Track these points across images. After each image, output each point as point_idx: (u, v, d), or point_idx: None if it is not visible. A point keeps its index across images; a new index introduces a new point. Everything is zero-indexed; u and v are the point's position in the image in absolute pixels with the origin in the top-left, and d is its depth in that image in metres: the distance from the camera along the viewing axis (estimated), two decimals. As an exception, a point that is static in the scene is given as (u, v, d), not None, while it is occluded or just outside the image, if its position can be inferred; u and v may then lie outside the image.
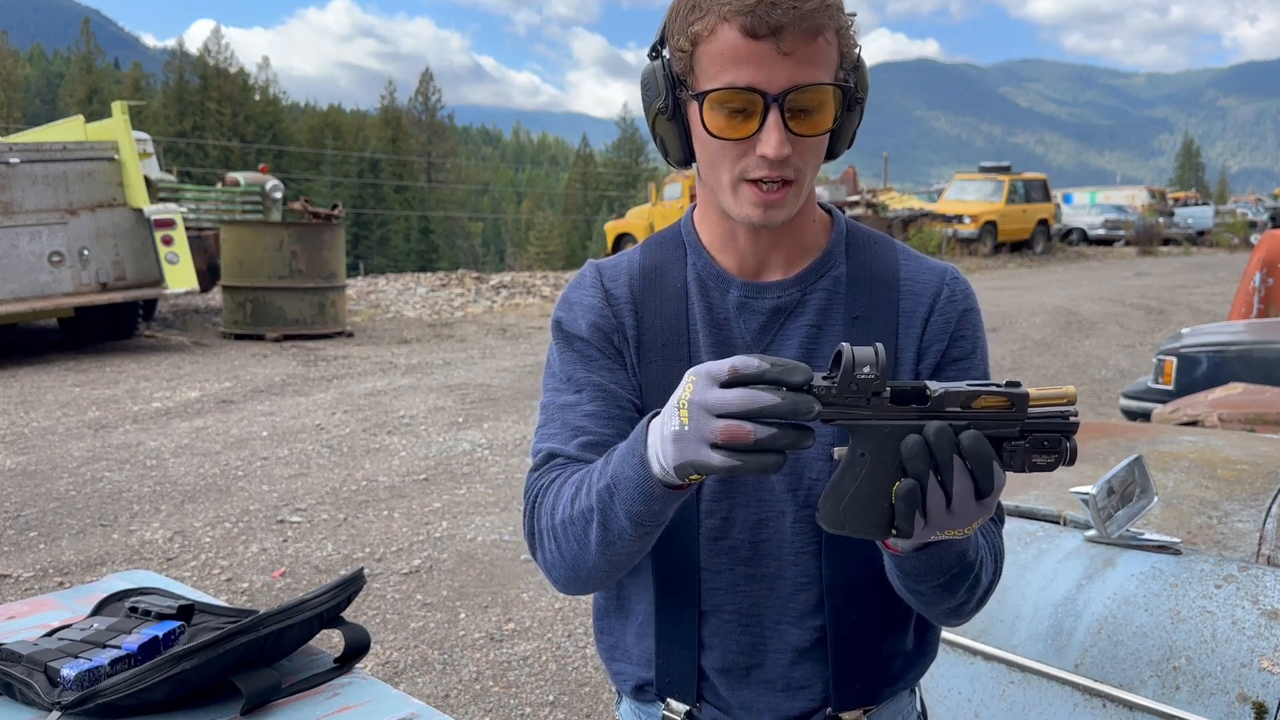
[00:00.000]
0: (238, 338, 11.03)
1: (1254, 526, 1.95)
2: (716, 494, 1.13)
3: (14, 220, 9.17)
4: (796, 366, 0.85)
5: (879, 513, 0.90)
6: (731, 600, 1.15)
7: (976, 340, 1.16)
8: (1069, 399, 0.88)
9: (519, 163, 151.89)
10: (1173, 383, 5.07)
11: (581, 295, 1.18)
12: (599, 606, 1.27)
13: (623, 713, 1.30)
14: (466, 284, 16.54)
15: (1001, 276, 19.98)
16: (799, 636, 1.15)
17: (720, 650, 1.17)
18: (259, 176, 14.63)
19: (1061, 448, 0.88)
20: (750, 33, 0.99)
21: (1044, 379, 9.07)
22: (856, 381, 0.86)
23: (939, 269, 1.17)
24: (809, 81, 1.00)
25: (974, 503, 0.89)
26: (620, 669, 1.24)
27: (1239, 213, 36.18)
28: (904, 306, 1.14)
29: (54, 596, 1.62)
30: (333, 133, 75.80)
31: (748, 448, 0.85)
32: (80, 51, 76.49)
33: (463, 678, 3.48)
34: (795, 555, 1.14)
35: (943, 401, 0.87)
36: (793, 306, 1.14)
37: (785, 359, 0.86)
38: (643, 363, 1.15)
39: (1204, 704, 1.53)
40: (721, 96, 1.01)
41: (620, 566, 1.06)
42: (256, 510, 5.21)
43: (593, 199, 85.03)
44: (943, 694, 1.86)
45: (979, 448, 0.87)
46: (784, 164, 1.03)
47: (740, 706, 1.17)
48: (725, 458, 0.85)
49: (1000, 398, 0.87)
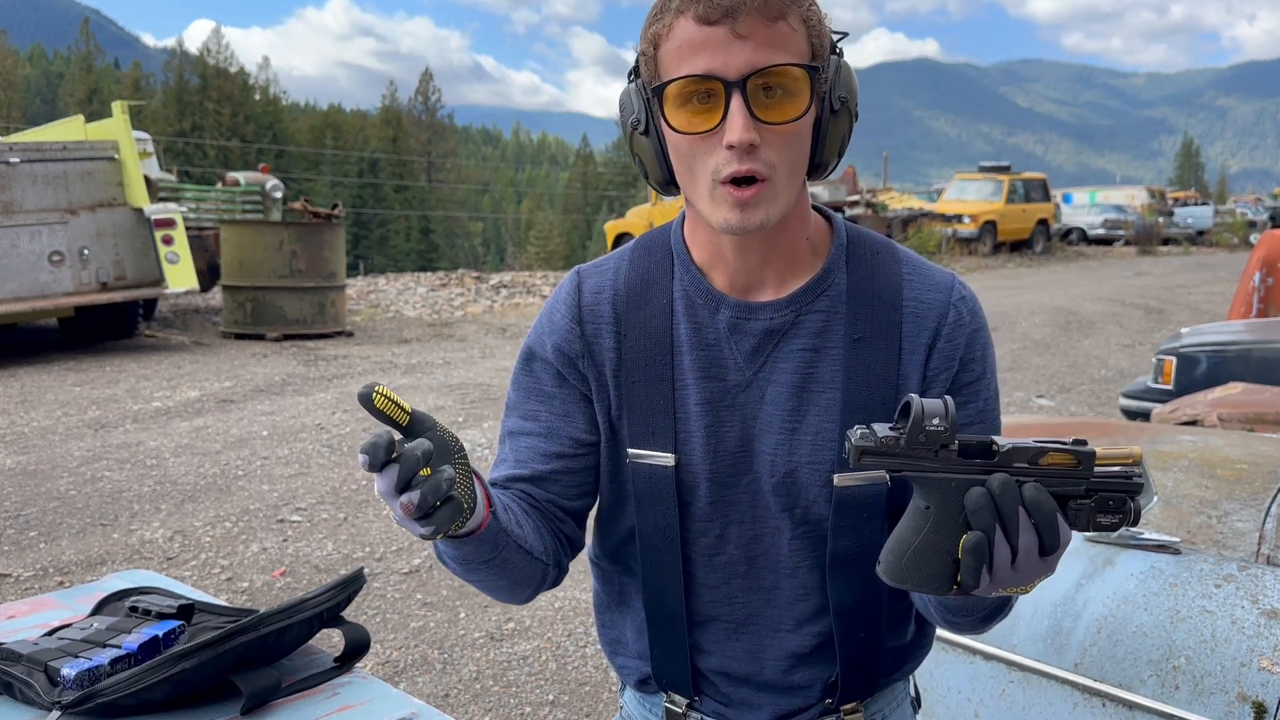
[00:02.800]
0: (238, 337, 11.03)
1: (1254, 526, 1.95)
2: (710, 514, 1.13)
3: (14, 220, 9.16)
4: (372, 444, 0.84)
5: (943, 567, 0.88)
6: (728, 610, 1.15)
7: (986, 361, 1.12)
8: (1135, 459, 0.87)
9: (519, 163, 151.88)
10: (1172, 382, 5.08)
11: (554, 312, 1.17)
12: (599, 600, 1.28)
13: (627, 700, 1.31)
14: (466, 284, 16.53)
15: (1001, 276, 19.98)
16: (798, 643, 1.15)
17: (718, 655, 1.17)
18: (259, 176, 14.63)
19: (1126, 508, 0.87)
20: (704, 19, 0.96)
21: (1044, 379, 9.08)
22: (926, 433, 0.85)
23: (944, 285, 1.11)
24: (769, 63, 0.96)
25: (1038, 559, 0.87)
26: (624, 663, 1.25)
27: (1239, 212, 36.16)
28: (907, 330, 1.09)
29: (54, 596, 1.62)
30: (333, 132, 75.77)
31: (424, 513, 0.87)
32: (80, 51, 76.48)
33: (463, 677, 3.49)
34: (793, 569, 1.13)
35: (1010, 457, 0.86)
36: (786, 328, 1.09)
37: (369, 441, 0.85)
38: (624, 383, 1.12)
39: (1203, 703, 1.53)
40: (680, 87, 0.98)
41: (498, 589, 1.11)
42: (257, 510, 5.21)
43: (593, 199, 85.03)
44: (943, 694, 1.86)
45: (1042, 500, 0.85)
46: (752, 155, 0.98)
47: (740, 702, 1.18)
48: (424, 526, 0.88)
49: (1067, 455, 0.86)
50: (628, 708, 1.31)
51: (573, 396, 1.16)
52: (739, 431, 1.10)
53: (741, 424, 1.10)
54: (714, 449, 1.10)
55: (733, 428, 1.10)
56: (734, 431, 1.10)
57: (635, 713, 1.29)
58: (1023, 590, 0.90)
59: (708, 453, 1.11)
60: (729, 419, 1.10)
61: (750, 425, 1.10)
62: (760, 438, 1.10)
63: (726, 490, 1.11)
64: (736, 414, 1.10)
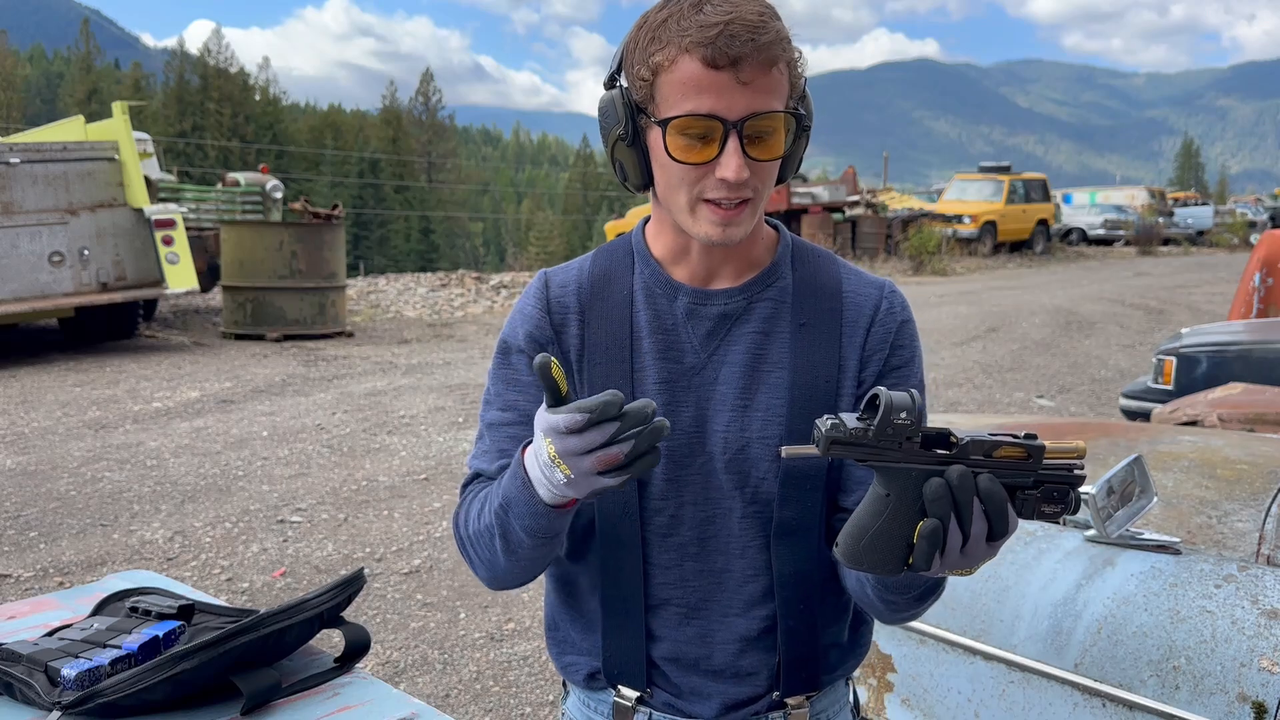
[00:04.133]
0: (238, 338, 11.03)
1: (1254, 526, 1.95)
2: (664, 492, 1.18)
3: (14, 220, 9.17)
4: (608, 402, 0.93)
5: (897, 551, 0.94)
6: (680, 594, 1.20)
7: (914, 349, 1.23)
8: (1079, 453, 0.94)
9: (519, 163, 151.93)
10: (1172, 383, 5.08)
11: (525, 304, 1.24)
12: (550, 603, 1.31)
13: (570, 707, 1.31)
14: (466, 284, 16.53)
15: (1001, 276, 19.98)
16: (746, 626, 1.20)
17: (670, 641, 1.21)
18: (259, 177, 14.64)
19: (1068, 498, 0.94)
20: (711, 63, 1.04)
21: (1044, 379, 9.08)
22: (893, 426, 0.91)
23: (878, 283, 1.24)
24: (765, 109, 1.07)
25: (985, 545, 0.95)
26: (571, 661, 1.27)
27: (1239, 213, 36.16)
28: (847, 316, 1.20)
29: (54, 596, 1.62)
30: (333, 133, 75.83)
31: (623, 465, 0.95)
32: (80, 51, 76.55)
33: (463, 677, 3.49)
34: (743, 549, 1.19)
35: (967, 450, 0.93)
36: (739, 313, 1.19)
37: (598, 398, 0.93)
38: (588, 366, 1.20)
39: (1204, 703, 1.53)
40: (684, 124, 1.07)
41: (531, 568, 1.15)
42: (257, 510, 5.22)
43: (593, 199, 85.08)
44: (943, 694, 1.86)
45: (995, 491, 0.92)
46: (742, 186, 1.09)
47: (691, 692, 1.21)
48: (615, 477, 0.96)
49: (1019, 449, 0.93)
50: (570, 714, 1.31)
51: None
52: (693, 411, 1.18)
53: (696, 404, 1.18)
54: (670, 427, 1.13)
55: (688, 407, 1.18)
56: (689, 411, 1.18)
57: (579, 716, 1.29)
58: (967, 573, 0.97)
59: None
60: (684, 399, 1.18)
61: (705, 405, 1.18)
62: (714, 416, 1.18)
63: (681, 469, 1.18)
64: (692, 395, 1.18)
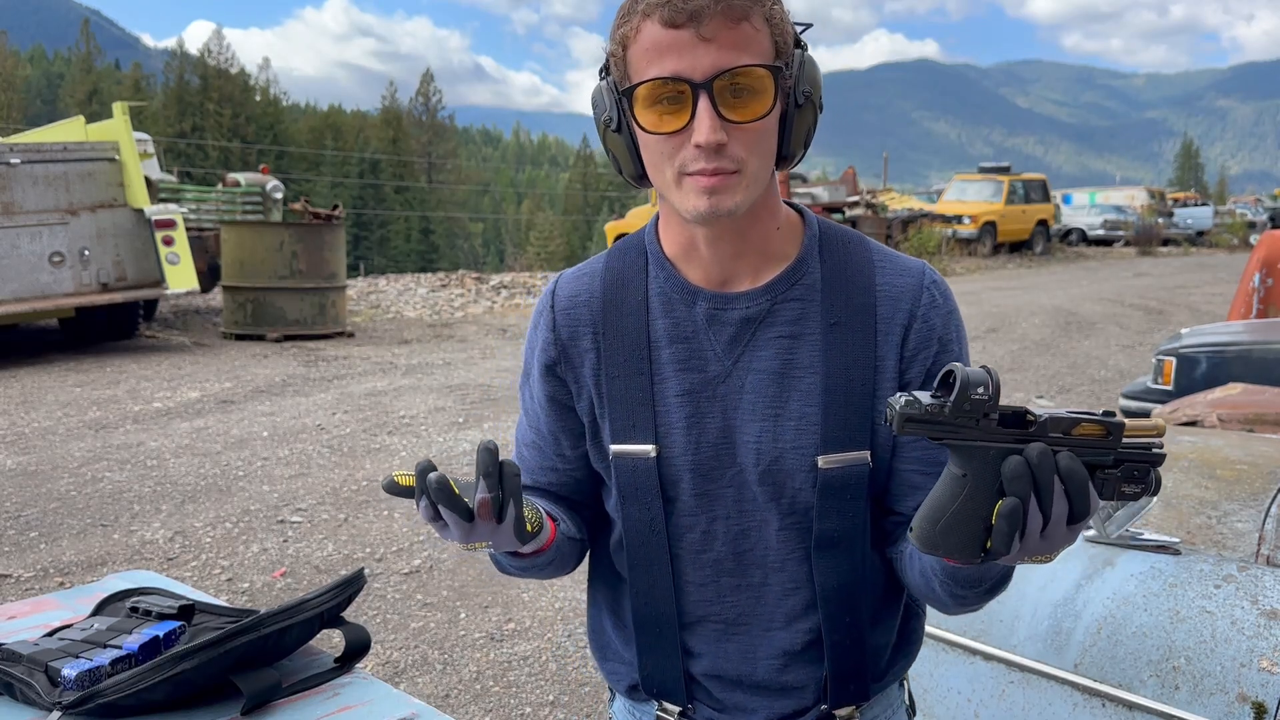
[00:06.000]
0: (238, 338, 11.03)
1: (1253, 526, 1.96)
2: (694, 508, 1.13)
3: (15, 220, 9.16)
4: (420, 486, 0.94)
5: (975, 534, 0.89)
6: (718, 610, 1.16)
7: (963, 343, 1.15)
8: (1159, 431, 0.90)
9: (519, 163, 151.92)
10: (1172, 383, 5.08)
11: (535, 323, 1.22)
12: (592, 608, 1.29)
13: (616, 710, 1.29)
14: (467, 284, 16.53)
15: (1001, 277, 19.97)
16: (789, 640, 1.15)
17: (710, 657, 1.17)
18: (259, 177, 14.64)
19: (1149, 478, 0.90)
20: (669, 23, 0.99)
21: (1044, 379, 9.08)
22: (970, 402, 0.87)
23: (915, 270, 1.14)
24: (735, 64, 0.99)
25: (1065, 528, 0.89)
26: (613, 669, 1.25)
27: (1238, 213, 36.16)
28: (881, 313, 1.11)
29: (55, 596, 1.62)
30: (333, 133, 75.82)
31: (499, 509, 0.96)
32: (80, 52, 76.57)
33: (463, 677, 3.49)
34: (782, 562, 1.13)
35: (1046, 427, 0.88)
36: (763, 316, 1.11)
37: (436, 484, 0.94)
38: (605, 380, 1.15)
39: (1203, 704, 1.53)
40: (648, 89, 1.01)
41: (553, 572, 1.19)
42: (257, 510, 5.22)
43: (593, 199, 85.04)
44: (943, 694, 1.86)
45: (1077, 470, 0.87)
46: (720, 153, 1.00)
47: (734, 707, 1.18)
48: (486, 521, 0.96)
49: (1098, 426, 0.88)
50: (617, 718, 1.29)
51: (564, 401, 1.19)
52: (720, 421, 1.12)
53: (723, 414, 1.11)
54: (696, 439, 1.11)
55: (714, 418, 1.12)
56: (715, 421, 1.12)
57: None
58: (1045, 559, 0.92)
59: (689, 443, 1.12)
60: (710, 409, 1.12)
61: (732, 415, 1.11)
62: (743, 427, 1.11)
63: (711, 484, 1.12)
64: (717, 404, 1.12)
